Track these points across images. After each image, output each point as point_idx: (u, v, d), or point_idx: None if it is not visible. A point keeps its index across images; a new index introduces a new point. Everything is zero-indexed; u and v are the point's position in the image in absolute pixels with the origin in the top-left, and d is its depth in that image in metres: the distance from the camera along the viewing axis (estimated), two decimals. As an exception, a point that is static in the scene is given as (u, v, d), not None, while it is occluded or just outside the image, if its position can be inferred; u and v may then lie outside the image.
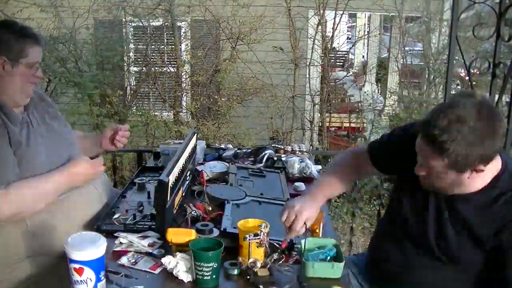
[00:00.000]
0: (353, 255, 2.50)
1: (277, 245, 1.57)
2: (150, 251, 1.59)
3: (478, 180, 1.51)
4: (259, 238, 1.48)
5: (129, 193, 2.08)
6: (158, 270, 1.50)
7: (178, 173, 1.84)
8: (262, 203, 1.93)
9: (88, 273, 1.30)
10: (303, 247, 1.53)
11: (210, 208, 1.91)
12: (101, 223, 1.76)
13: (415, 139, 1.51)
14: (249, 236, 1.48)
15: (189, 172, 2.12)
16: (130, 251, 1.60)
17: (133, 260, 1.55)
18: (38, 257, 1.71)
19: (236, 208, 1.83)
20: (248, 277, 1.45)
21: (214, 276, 1.42)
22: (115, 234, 1.65)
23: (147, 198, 1.99)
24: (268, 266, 1.49)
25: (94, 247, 1.30)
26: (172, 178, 1.71)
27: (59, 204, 1.75)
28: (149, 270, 1.50)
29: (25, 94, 1.80)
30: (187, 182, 2.10)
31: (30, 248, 1.69)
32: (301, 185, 2.23)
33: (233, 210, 1.79)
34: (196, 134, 2.28)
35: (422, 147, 1.47)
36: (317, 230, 1.77)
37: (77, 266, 1.29)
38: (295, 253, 1.57)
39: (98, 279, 1.32)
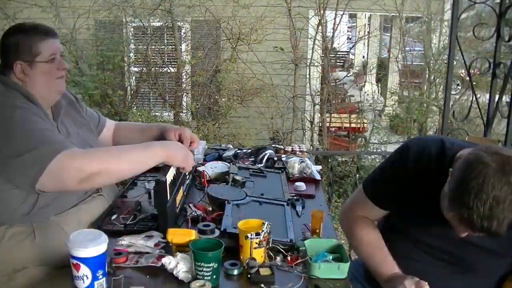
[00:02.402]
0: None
1: (279, 246, 1.57)
2: (157, 252, 1.59)
3: None
4: (259, 238, 1.49)
5: (130, 193, 2.08)
6: (159, 263, 1.50)
7: (176, 172, 1.84)
8: (262, 204, 1.93)
9: (84, 270, 1.29)
10: (307, 248, 1.54)
11: (210, 209, 1.91)
12: (102, 223, 1.76)
13: (416, 172, 1.51)
14: (251, 235, 1.48)
15: (188, 172, 2.12)
16: (131, 252, 1.60)
17: (134, 260, 1.55)
18: (40, 267, 1.67)
19: (237, 209, 1.83)
20: (249, 275, 1.45)
21: (214, 277, 1.42)
22: (120, 242, 1.64)
23: (147, 198, 1.99)
24: (270, 265, 1.49)
25: (92, 245, 1.30)
26: (169, 177, 1.72)
27: (69, 215, 1.72)
28: (151, 264, 1.50)
29: (55, 91, 1.76)
30: (187, 181, 2.10)
31: (33, 258, 1.65)
32: (301, 185, 2.23)
33: (233, 211, 1.79)
34: None
35: (469, 232, 1.41)
36: (317, 230, 1.77)
37: (74, 261, 1.30)
38: (300, 255, 1.56)
39: (95, 278, 1.31)
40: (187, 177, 2.10)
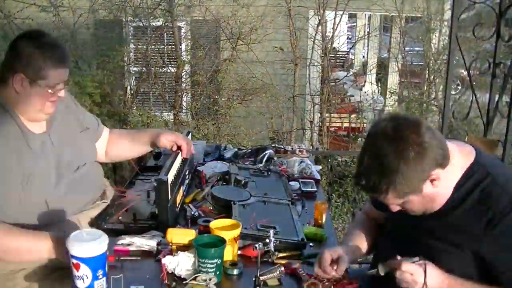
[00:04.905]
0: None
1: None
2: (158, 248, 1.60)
3: (448, 180, 1.40)
4: None
5: (129, 192, 2.08)
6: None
7: (177, 172, 1.85)
8: (267, 203, 1.93)
9: (84, 269, 1.30)
10: None
11: (211, 208, 1.91)
12: (102, 222, 1.76)
13: None
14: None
15: (187, 171, 2.12)
16: (132, 250, 1.60)
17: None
18: (34, 269, 1.65)
19: (243, 209, 1.82)
20: (254, 279, 1.45)
21: (218, 273, 1.43)
22: (120, 241, 1.64)
23: (146, 197, 2.00)
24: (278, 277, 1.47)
25: (91, 245, 1.30)
26: (170, 177, 1.72)
27: (73, 220, 1.73)
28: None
29: (43, 113, 1.70)
30: (187, 181, 2.10)
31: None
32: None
33: (240, 211, 1.78)
34: (190, 134, 2.29)
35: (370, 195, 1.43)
36: (320, 221, 1.86)
37: (74, 261, 1.31)
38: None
39: (95, 277, 1.32)
40: (186, 177, 2.11)
